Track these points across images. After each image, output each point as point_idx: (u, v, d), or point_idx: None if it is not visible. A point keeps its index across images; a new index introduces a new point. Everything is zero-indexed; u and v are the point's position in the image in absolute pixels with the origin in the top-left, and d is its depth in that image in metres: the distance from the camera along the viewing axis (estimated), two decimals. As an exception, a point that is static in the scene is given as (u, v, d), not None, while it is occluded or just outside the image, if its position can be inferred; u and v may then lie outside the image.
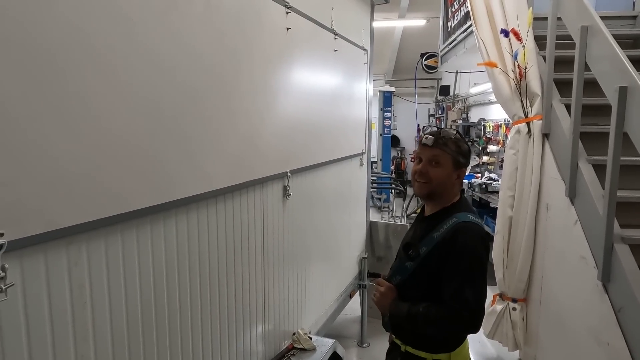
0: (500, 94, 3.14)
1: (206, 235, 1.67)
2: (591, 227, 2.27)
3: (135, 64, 1.28)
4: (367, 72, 3.68)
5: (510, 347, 3.18)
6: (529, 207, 2.98)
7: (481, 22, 3.24)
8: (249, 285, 2.00)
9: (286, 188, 2.27)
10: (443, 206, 1.57)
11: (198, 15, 1.54)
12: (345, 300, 3.42)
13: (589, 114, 2.64)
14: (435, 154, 1.52)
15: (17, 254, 1.00)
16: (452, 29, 5.76)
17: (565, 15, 2.60)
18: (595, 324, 2.20)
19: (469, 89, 8.14)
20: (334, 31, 2.81)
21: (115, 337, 1.28)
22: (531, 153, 2.97)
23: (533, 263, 3.05)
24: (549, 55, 2.81)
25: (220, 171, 1.72)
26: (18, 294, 1.01)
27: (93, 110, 1.16)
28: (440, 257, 1.48)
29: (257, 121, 1.96)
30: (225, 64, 1.71)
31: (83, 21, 1.12)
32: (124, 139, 1.26)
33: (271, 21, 2.04)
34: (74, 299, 1.14)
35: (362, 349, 3.77)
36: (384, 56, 10.87)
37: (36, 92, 1.02)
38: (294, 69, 2.28)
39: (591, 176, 2.34)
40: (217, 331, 1.78)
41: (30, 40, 1.00)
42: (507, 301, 3.18)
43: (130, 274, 1.32)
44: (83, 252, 1.17)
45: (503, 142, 6.29)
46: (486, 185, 5.90)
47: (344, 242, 3.44)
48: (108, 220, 1.22)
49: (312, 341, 2.43)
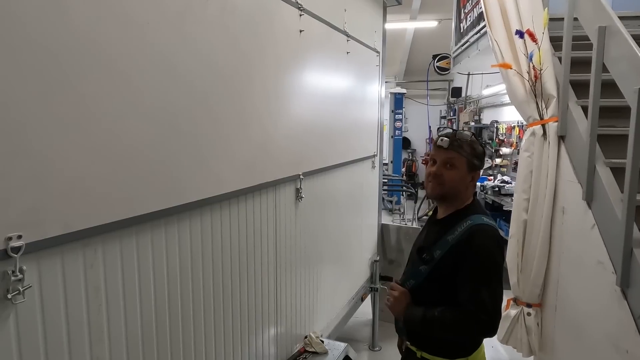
0: (515, 96, 3.09)
1: (219, 237, 1.67)
2: (609, 232, 2.22)
3: (148, 71, 1.29)
4: (379, 73, 3.66)
5: (525, 353, 3.13)
6: (544, 211, 2.93)
7: (495, 23, 3.21)
8: (261, 288, 2.00)
9: (299, 190, 2.27)
10: (456, 209, 1.55)
11: (212, 19, 1.54)
12: (356, 304, 3.40)
13: (606, 116, 2.59)
14: (450, 156, 1.50)
15: (34, 256, 1.01)
16: (464, 30, 5.71)
17: (581, 15, 2.55)
18: (613, 331, 2.15)
19: (481, 91, 8.06)
20: (347, 33, 2.80)
21: (130, 339, 1.28)
22: (546, 155, 2.92)
23: (548, 267, 3.00)
24: (565, 56, 2.77)
25: (233, 174, 1.72)
26: (35, 296, 1.02)
27: (106, 116, 1.17)
28: (455, 260, 1.46)
29: (269, 124, 1.96)
30: (239, 68, 1.72)
31: (96, 28, 1.12)
32: (138, 144, 1.26)
33: (284, 24, 2.04)
34: (90, 300, 1.15)
35: (373, 352, 3.74)
36: (395, 58, 10.83)
37: (50, 99, 1.03)
38: (306, 71, 2.27)
39: (609, 179, 2.29)
40: (229, 333, 1.78)
41: (43, 49, 1.01)
42: (521, 306, 3.13)
43: (144, 276, 1.32)
44: (99, 254, 1.17)
45: (516, 144, 6.22)
46: (499, 188, 5.83)
47: (356, 245, 3.42)
48: (123, 223, 1.22)
49: (324, 344, 2.42)
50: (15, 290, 0.96)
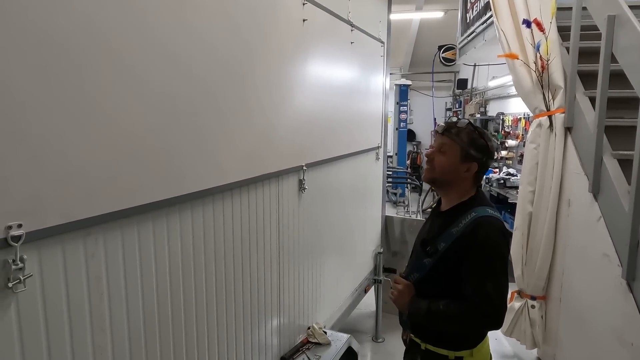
0: (521, 87, 3.06)
1: (222, 227, 1.67)
2: (616, 224, 2.20)
3: (149, 58, 1.27)
4: (384, 64, 3.62)
5: (529, 346, 3.13)
6: (550, 203, 2.91)
7: (502, 13, 3.16)
8: (264, 279, 2.00)
9: (302, 182, 2.26)
10: (459, 200, 1.53)
11: (213, 6, 1.52)
12: (360, 295, 3.40)
13: (614, 107, 2.55)
14: (443, 142, 1.52)
15: (35, 245, 1.01)
16: (471, 20, 5.65)
17: (590, 4, 2.51)
18: (618, 324, 2.14)
19: (488, 82, 7.99)
20: (351, 23, 2.77)
21: (132, 328, 1.28)
22: (553, 147, 2.89)
23: (553, 260, 2.99)
24: (573, 46, 2.73)
25: (235, 165, 1.71)
26: (36, 285, 1.02)
27: (107, 104, 1.15)
28: (459, 252, 1.44)
29: (272, 114, 1.94)
30: (241, 57, 1.70)
31: (97, 15, 1.11)
32: (139, 133, 1.25)
33: (287, 13, 2.01)
34: (91, 290, 1.15)
35: (376, 344, 3.75)
36: (401, 49, 10.73)
37: (51, 87, 1.01)
38: (310, 61, 2.25)
39: (616, 171, 2.27)
40: (232, 324, 1.78)
41: (45, 36, 0.99)
42: (525, 298, 3.12)
43: (146, 266, 1.32)
44: (100, 244, 1.17)
45: (522, 136, 6.16)
46: (504, 181, 5.80)
47: (359, 237, 3.42)
48: (124, 213, 1.22)
49: (326, 335, 2.42)
50: (16, 279, 0.96)
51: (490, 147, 1.53)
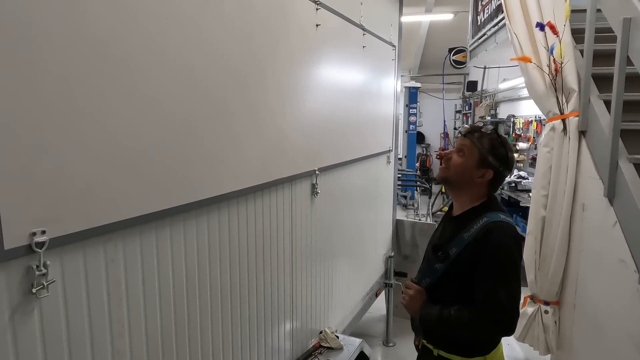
0: (534, 90, 3.03)
1: (236, 232, 1.68)
2: (632, 229, 2.17)
3: (167, 72, 1.29)
4: (395, 68, 3.62)
5: (542, 351, 3.09)
6: (564, 207, 2.87)
7: (514, 16, 3.14)
8: (277, 283, 2.01)
9: (314, 186, 2.26)
10: (471, 205, 1.53)
11: (228, 17, 1.54)
12: (371, 299, 3.40)
13: (629, 110, 2.52)
14: (463, 143, 1.52)
15: (57, 251, 1.02)
16: (482, 22, 5.61)
17: (605, 6, 2.48)
18: (635, 331, 2.11)
19: (498, 85, 7.93)
20: (363, 27, 2.77)
21: (149, 333, 1.30)
22: (566, 151, 2.86)
23: (567, 265, 2.95)
24: (587, 49, 2.70)
25: (249, 170, 1.72)
26: (58, 290, 1.04)
27: (127, 116, 1.17)
28: (471, 258, 1.43)
29: (285, 120, 1.95)
30: (252, 65, 1.70)
31: (105, 24, 1.11)
32: (156, 143, 1.27)
33: (300, 18, 2.02)
34: (111, 295, 1.17)
35: (387, 348, 3.74)
36: (410, 51, 10.70)
37: (72, 98, 1.03)
38: (322, 66, 2.26)
39: (632, 176, 2.24)
40: (246, 328, 1.79)
41: (66, 51, 1.01)
42: (538, 304, 3.09)
43: (163, 271, 1.34)
44: (119, 249, 1.19)
45: (534, 139, 6.11)
46: (516, 184, 5.75)
47: (370, 241, 3.41)
48: (143, 219, 1.23)
49: (339, 340, 2.42)
50: (39, 285, 0.98)
51: (510, 158, 1.52)
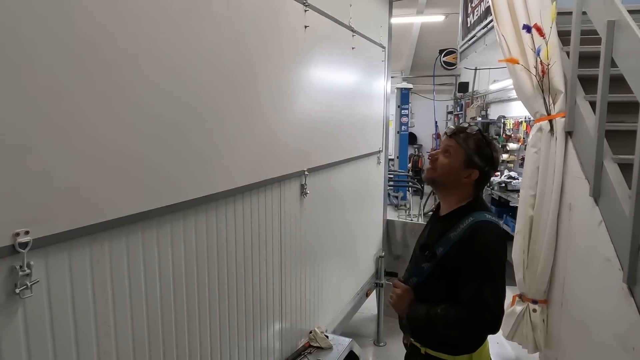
0: (522, 91, 3.07)
1: (224, 233, 1.68)
2: (617, 228, 2.20)
3: (154, 70, 1.29)
4: (385, 69, 3.64)
5: (530, 349, 3.12)
6: (551, 207, 2.91)
7: (502, 18, 3.18)
8: (266, 283, 2.01)
9: (303, 186, 2.27)
10: (458, 205, 1.54)
11: (216, 17, 1.54)
12: (361, 299, 3.41)
13: (614, 111, 2.56)
14: (449, 144, 1.54)
15: (42, 252, 1.02)
16: (471, 24, 5.67)
17: (590, 9, 2.52)
18: (620, 328, 2.14)
19: (489, 86, 8.00)
20: (352, 28, 2.79)
21: (136, 333, 1.29)
22: (553, 151, 2.90)
23: (554, 264, 2.99)
24: (573, 51, 2.74)
25: (238, 171, 1.72)
26: (43, 291, 1.03)
27: (114, 114, 1.17)
28: (457, 257, 1.45)
29: (274, 121, 1.96)
30: (242, 65, 1.71)
31: (96, 25, 1.12)
32: (144, 142, 1.27)
33: (289, 20, 2.03)
34: (96, 295, 1.16)
35: (378, 348, 3.76)
36: (402, 53, 10.76)
37: (58, 97, 1.03)
38: (311, 67, 2.27)
39: (617, 176, 2.27)
40: (234, 328, 1.79)
41: (54, 50, 1.01)
42: (527, 302, 3.12)
43: (150, 272, 1.34)
44: (105, 250, 1.19)
45: (523, 139, 6.17)
46: (506, 184, 5.80)
47: (361, 241, 3.43)
48: (129, 219, 1.23)
49: (328, 340, 2.43)
50: (23, 285, 0.98)
51: (496, 158, 1.54)
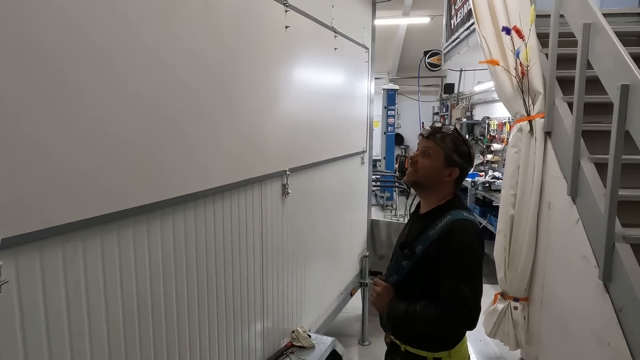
0: (503, 92, 3.12)
1: (203, 233, 1.68)
2: (593, 226, 2.25)
3: (134, 63, 1.28)
4: (368, 70, 3.66)
5: (512, 347, 3.17)
6: (531, 206, 2.97)
7: (483, 20, 3.22)
8: (247, 283, 2.01)
9: (285, 186, 2.27)
10: (437, 204, 1.57)
11: (196, 14, 1.54)
12: (346, 299, 3.42)
13: (591, 112, 2.62)
14: (427, 145, 1.55)
15: (12, 252, 1.00)
16: (455, 26, 5.73)
17: (567, 12, 2.57)
18: (597, 324, 2.19)
19: (473, 87, 8.10)
20: (334, 29, 2.80)
21: (112, 334, 1.28)
22: (533, 151, 2.95)
23: (535, 262, 3.04)
24: (552, 52, 2.79)
25: (219, 169, 1.72)
26: (13, 291, 1.02)
27: (91, 108, 1.16)
28: (436, 255, 1.47)
29: (257, 119, 1.96)
30: (225, 63, 1.71)
31: (82, 20, 1.12)
32: (121, 137, 1.26)
33: (270, 20, 2.03)
34: (70, 296, 1.15)
35: (363, 347, 3.77)
36: (388, 54, 10.83)
37: (34, 89, 1.02)
38: (294, 67, 2.27)
39: (593, 175, 2.32)
40: (214, 329, 1.78)
41: (30, 39, 1.00)
42: (508, 300, 3.17)
43: (126, 272, 1.32)
44: (79, 250, 1.17)
45: (507, 140, 6.25)
46: (489, 184, 5.87)
47: (345, 241, 3.44)
48: (104, 218, 1.22)
49: (311, 339, 2.43)
50: (-9, 286, 0.96)
51: (472, 154, 1.58)
